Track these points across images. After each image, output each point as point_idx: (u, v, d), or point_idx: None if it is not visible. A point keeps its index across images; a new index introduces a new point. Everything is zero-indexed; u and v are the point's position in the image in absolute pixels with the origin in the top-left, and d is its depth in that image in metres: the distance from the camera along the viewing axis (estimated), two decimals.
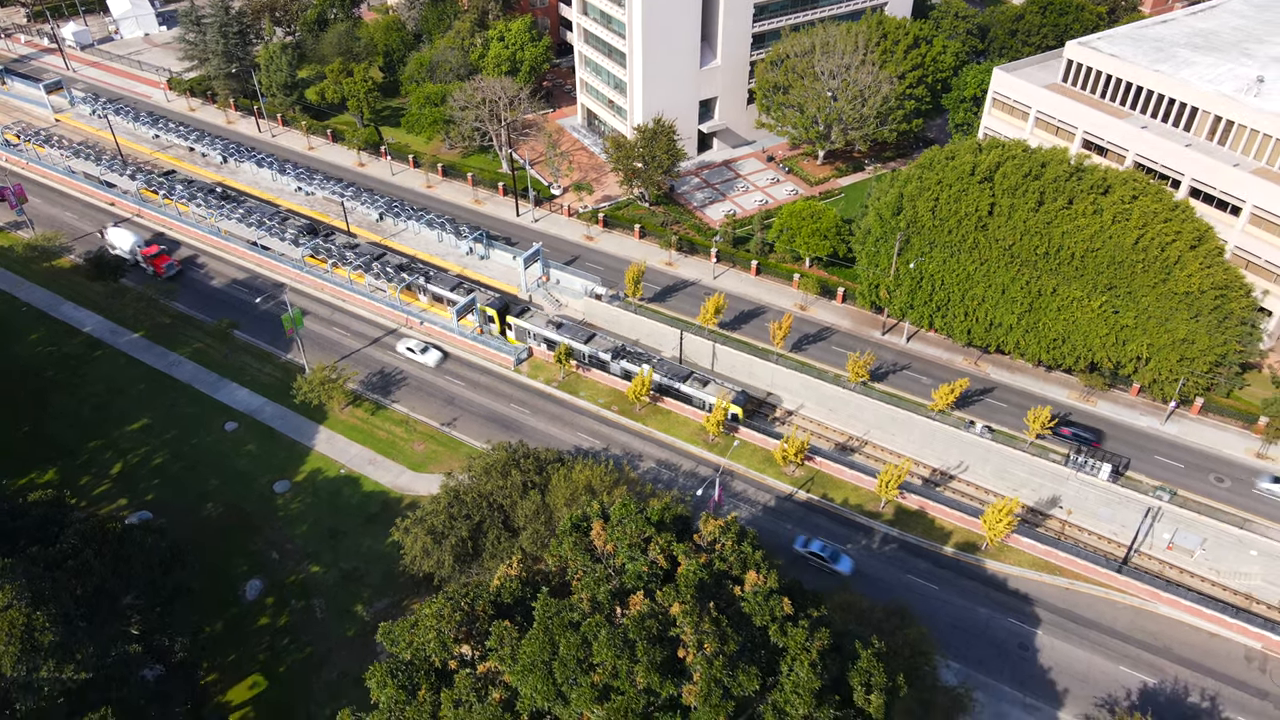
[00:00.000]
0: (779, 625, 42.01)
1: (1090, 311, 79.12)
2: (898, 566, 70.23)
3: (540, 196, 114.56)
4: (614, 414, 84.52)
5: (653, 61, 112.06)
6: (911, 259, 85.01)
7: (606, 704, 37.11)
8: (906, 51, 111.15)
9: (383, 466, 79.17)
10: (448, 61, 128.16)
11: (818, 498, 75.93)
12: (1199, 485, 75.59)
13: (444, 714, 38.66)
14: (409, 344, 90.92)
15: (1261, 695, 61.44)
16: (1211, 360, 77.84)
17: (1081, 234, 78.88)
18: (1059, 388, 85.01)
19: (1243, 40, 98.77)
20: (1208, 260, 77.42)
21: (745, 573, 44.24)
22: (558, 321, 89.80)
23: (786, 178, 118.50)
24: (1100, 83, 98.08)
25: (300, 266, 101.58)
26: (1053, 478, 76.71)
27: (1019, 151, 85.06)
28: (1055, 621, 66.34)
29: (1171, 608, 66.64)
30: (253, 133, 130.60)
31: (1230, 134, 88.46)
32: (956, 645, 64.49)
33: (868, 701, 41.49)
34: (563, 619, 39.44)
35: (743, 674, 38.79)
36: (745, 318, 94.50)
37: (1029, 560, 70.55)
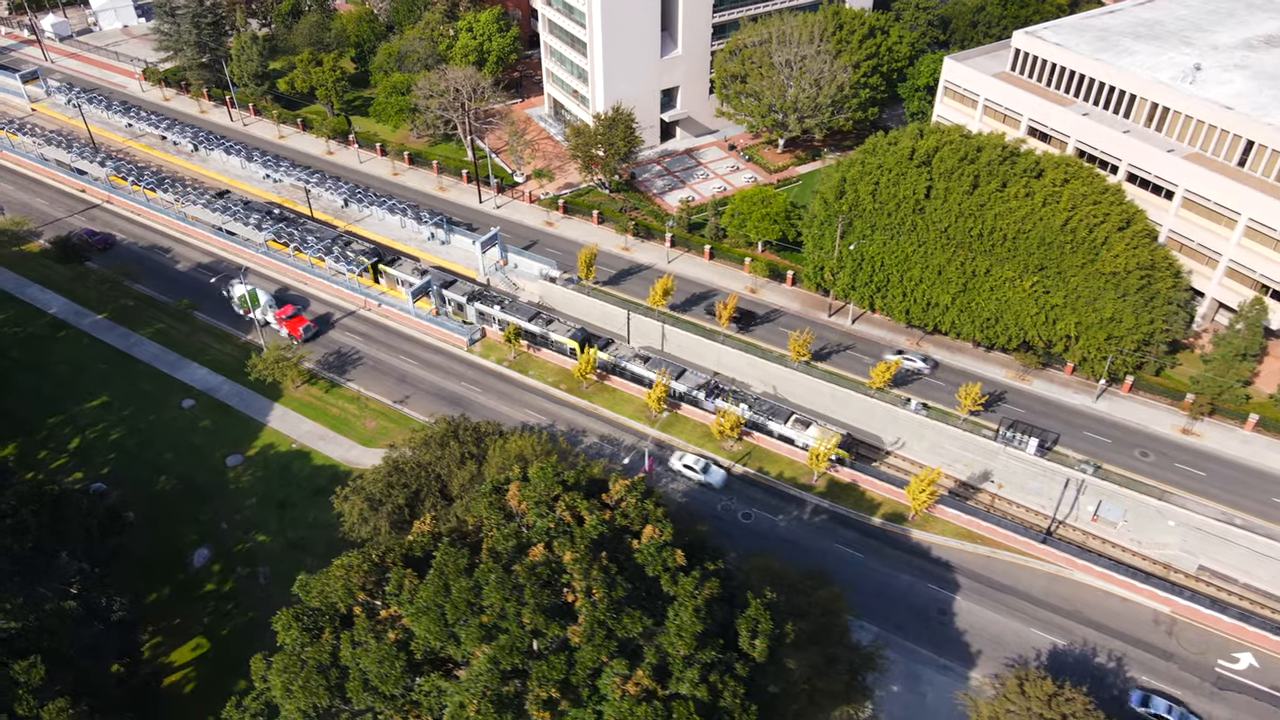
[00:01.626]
0: (670, 575, 44.27)
1: (1022, 291, 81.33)
2: (827, 536, 72.53)
3: (504, 183, 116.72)
4: (561, 392, 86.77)
5: (613, 51, 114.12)
6: (853, 241, 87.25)
7: (493, 643, 39.39)
8: (861, 41, 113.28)
9: (333, 442, 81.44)
10: (416, 52, 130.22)
11: (754, 471, 78.21)
12: (1124, 460, 77.79)
13: (343, 654, 40.94)
14: (686, 460, 78.00)
15: (1167, 656, 63.75)
16: (1138, 339, 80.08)
17: (1013, 216, 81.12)
18: (997, 367, 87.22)
19: (1185, 29, 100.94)
20: (1134, 242, 79.65)
21: (644, 527, 46.47)
22: (645, 356, 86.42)
23: (747, 166, 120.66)
24: (1046, 71, 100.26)
25: (264, 251, 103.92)
26: (984, 452, 79.01)
27: (956, 137, 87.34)
28: (974, 588, 68.65)
29: (1085, 574, 68.96)
30: (225, 122, 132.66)
31: (1167, 120, 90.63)
32: (877, 609, 66.78)
33: (753, 646, 43.73)
34: (457, 565, 41.69)
35: (627, 617, 41.03)
36: (697, 300, 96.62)
37: (953, 530, 72.84)
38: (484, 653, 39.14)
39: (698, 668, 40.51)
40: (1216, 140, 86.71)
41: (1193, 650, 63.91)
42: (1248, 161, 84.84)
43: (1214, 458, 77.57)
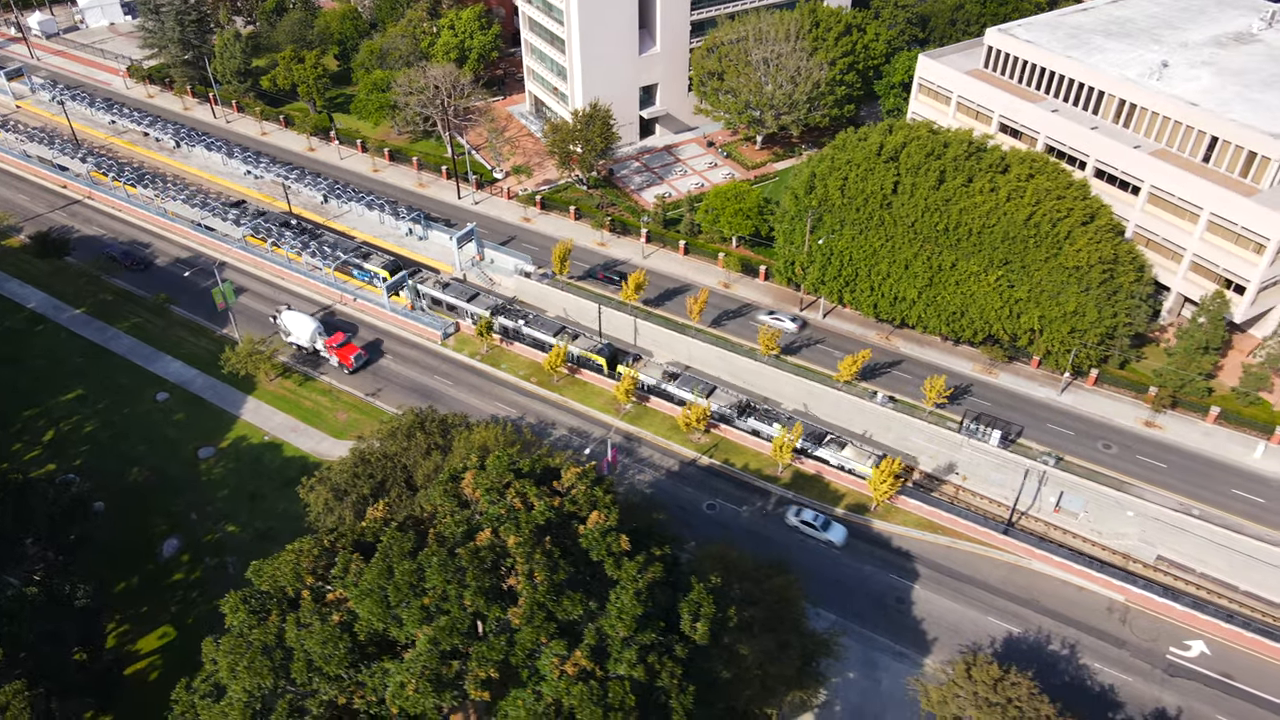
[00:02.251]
0: (614, 559, 45.06)
1: (986, 285, 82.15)
2: (790, 527, 73.26)
3: (483, 180, 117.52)
4: (532, 385, 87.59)
5: (591, 47, 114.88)
6: (822, 236, 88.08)
7: (433, 624, 40.22)
8: (837, 39, 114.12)
9: (305, 434, 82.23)
10: (397, 49, 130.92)
11: (720, 463, 79.06)
12: (1087, 452, 78.67)
13: (288, 635, 41.74)
14: (804, 516, 72.85)
15: (1119, 644, 64.58)
16: (1101, 332, 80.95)
17: (978, 211, 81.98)
18: (964, 360, 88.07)
19: (1155, 27, 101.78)
20: (1097, 236, 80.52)
21: (591, 513, 47.28)
22: (674, 373, 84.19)
23: (725, 162, 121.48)
24: (1017, 68, 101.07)
25: (242, 246, 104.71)
26: (948, 444, 79.89)
27: (924, 132, 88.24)
28: (933, 577, 69.49)
29: (1043, 563, 69.80)
30: (208, 119, 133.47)
31: (1134, 117, 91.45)
32: (836, 598, 67.62)
33: (694, 629, 44.56)
34: (401, 549, 42.49)
35: (567, 599, 41.85)
36: (671, 295, 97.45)
37: (915, 521, 73.68)
38: (424, 633, 39.99)
39: (635, 649, 41.33)
40: (1182, 136, 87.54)
41: (1145, 638, 64.77)
42: (1212, 157, 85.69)
43: (1175, 449, 78.48)
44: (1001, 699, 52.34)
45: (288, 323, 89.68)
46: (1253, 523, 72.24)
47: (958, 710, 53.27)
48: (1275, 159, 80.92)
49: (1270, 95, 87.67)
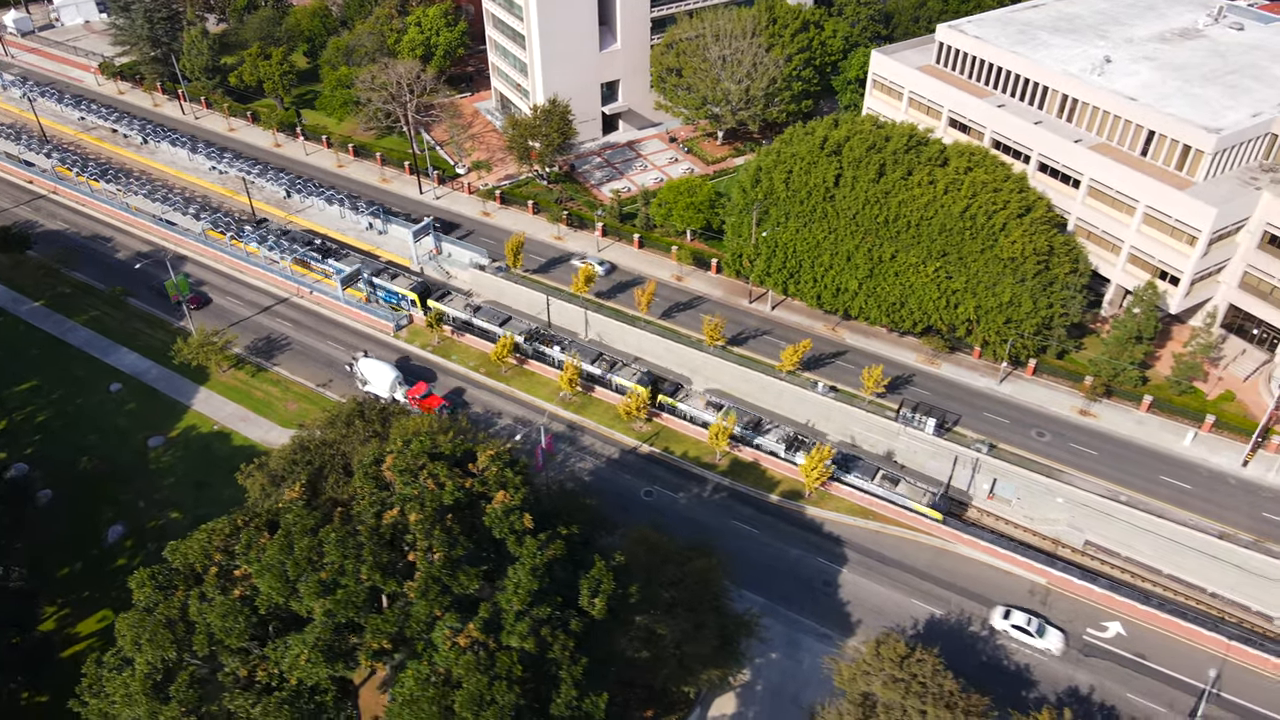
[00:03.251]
0: (516, 537, 46.43)
1: (925, 276, 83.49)
2: (724, 512, 74.71)
3: (445, 175, 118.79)
4: (481, 375, 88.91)
5: (550, 44, 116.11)
6: (767, 229, 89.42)
7: (330, 597, 41.54)
8: (794, 35, 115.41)
9: (254, 423, 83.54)
10: (363, 46, 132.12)
11: (660, 451, 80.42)
12: (1021, 439, 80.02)
13: (191, 609, 43.07)
14: (1015, 620, 65.45)
15: None
16: (1036, 322, 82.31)
17: (916, 203, 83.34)
18: (908, 351, 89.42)
19: (1102, 23, 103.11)
20: (1032, 228, 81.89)
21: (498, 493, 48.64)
22: (717, 403, 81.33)
23: (686, 157, 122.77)
24: (967, 64, 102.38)
25: (203, 240, 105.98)
26: (886, 433, 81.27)
27: (867, 126, 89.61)
28: (861, 561, 70.88)
29: (969, 548, 71.20)
30: (177, 115, 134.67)
31: (1076, 111, 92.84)
32: (765, 582, 68.96)
33: (592, 605, 45.91)
34: (303, 526, 43.82)
35: (463, 574, 43.21)
36: (624, 287, 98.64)
37: (847, 506, 75.05)
38: (321, 606, 41.33)
39: (528, 621, 42.66)
40: (1121, 130, 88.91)
41: (1063, 619, 66.18)
42: (1150, 151, 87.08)
43: (1107, 437, 79.87)
44: (906, 675, 53.67)
45: (365, 371, 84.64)
46: (1178, 508, 73.56)
47: (865, 686, 54.62)
48: (1209, 152, 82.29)
49: (1209, 90, 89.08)
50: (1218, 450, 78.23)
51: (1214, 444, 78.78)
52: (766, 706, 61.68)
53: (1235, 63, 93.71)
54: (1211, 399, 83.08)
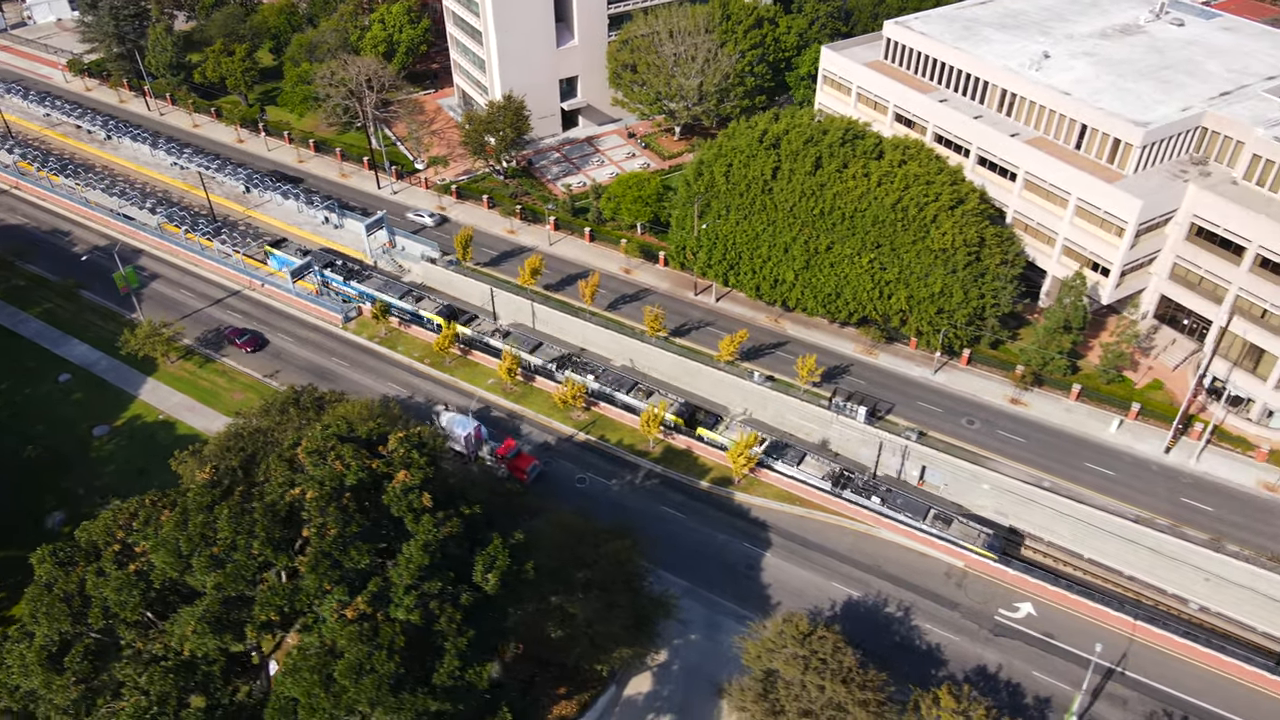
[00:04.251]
0: (414, 515, 47.76)
1: (859, 268, 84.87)
2: (655, 499, 76.07)
3: (403, 170, 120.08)
4: (425, 366, 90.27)
5: (507, 40, 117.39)
6: (707, 221, 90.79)
7: (220, 571, 42.86)
8: (746, 32, 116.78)
9: (199, 413, 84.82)
10: (326, 42, 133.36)
11: (595, 439, 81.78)
12: (952, 427, 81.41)
13: (88, 584, 44.39)
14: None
15: (952, 606, 67.38)
16: (968, 312, 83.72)
17: (850, 195, 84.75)
18: (847, 342, 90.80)
19: (1046, 20, 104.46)
20: (963, 220, 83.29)
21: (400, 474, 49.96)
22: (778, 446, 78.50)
23: (643, 153, 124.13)
24: (912, 59, 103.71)
25: (158, 234, 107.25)
26: (820, 421, 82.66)
27: (805, 120, 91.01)
28: (785, 545, 72.26)
29: (890, 531, 72.58)
30: (143, 111, 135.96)
31: (1015, 106, 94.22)
32: (690, 566, 70.33)
33: (486, 580, 47.26)
34: (199, 503, 45.16)
35: (354, 550, 44.53)
36: (573, 280, 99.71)
37: (775, 493, 76.42)
38: (211, 579, 42.64)
39: (416, 595, 44.00)
40: (1056, 124, 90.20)
41: (977, 600, 67.59)
42: (1083, 144, 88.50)
43: (1036, 425, 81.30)
44: (807, 652, 55.09)
45: (449, 425, 79.54)
46: (1100, 494, 75.06)
47: (769, 663, 56.03)
48: (1137, 145, 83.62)
49: (1143, 85, 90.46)
50: (1142, 438, 79.70)
51: (1139, 431, 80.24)
52: (682, 685, 63.05)
53: (1171, 58, 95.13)
54: (1140, 388, 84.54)
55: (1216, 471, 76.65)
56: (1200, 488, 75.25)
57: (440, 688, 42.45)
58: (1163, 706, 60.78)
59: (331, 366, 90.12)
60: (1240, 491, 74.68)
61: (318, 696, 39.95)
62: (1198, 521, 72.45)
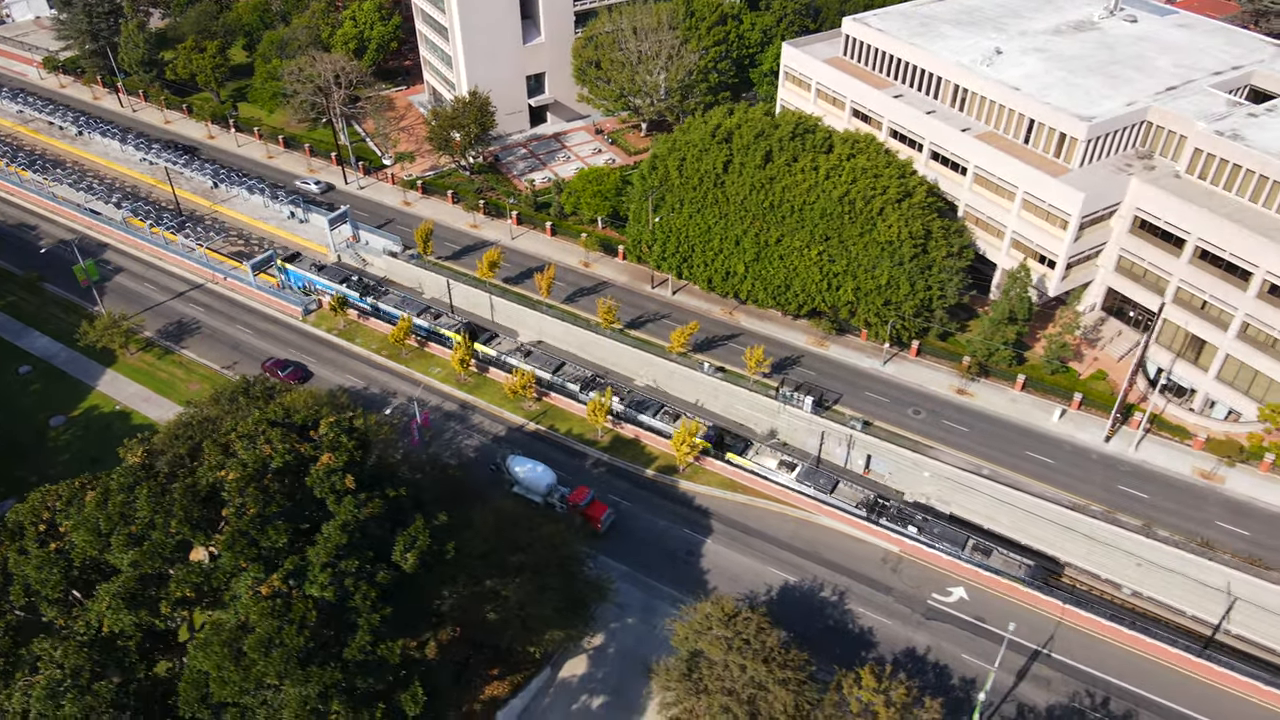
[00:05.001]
0: (335, 496, 48.84)
1: (808, 260, 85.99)
2: (601, 486, 76.99)
3: (371, 166, 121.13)
4: (382, 358, 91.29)
5: (473, 36, 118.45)
6: (661, 214, 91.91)
7: (137, 548, 43.93)
8: (710, 29, 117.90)
9: (155, 403, 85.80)
10: (297, 39, 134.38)
11: (545, 429, 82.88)
12: (898, 417, 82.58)
13: (10, 563, 45.48)
14: None
15: (886, 590, 68.44)
16: (915, 304, 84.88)
17: (799, 188, 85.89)
18: (799, 333, 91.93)
19: (1002, 16, 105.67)
20: (910, 212, 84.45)
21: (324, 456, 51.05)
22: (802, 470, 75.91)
23: (610, 149, 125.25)
24: (870, 55, 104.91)
25: (124, 228, 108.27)
26: (768, 411, 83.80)
27: (757, 115, 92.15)
28: (726, 532, 73.31)
29: (829, 518, 73.69)
30: (115, 108, 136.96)
31: (967, 101, 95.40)
32: (631, 551, 71.35)
33: (405, 559, 48.37)
34: (121, 484, 46.25)
35: (272, 529, 45.62)
36: (533, 273, 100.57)
37: (719, 480, 77.49)
38: (129, 557, 43.71)
39: (330, 572, 45.05)
40: (1006, 119, 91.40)
41: (911, 585, 68.67)
42: (1031, 139, 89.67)
43: (980, 415, 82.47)
44: (731, 633, 56.15)
45: (515, 471, 74.80)
46: (1039, 482, 76.26)
47: (695, 644, 57.08)
48: (1082, 139, 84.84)
49: (1091, 80, 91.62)
50: (1084, 427, 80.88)
51: (1081, 421, 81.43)
52: (616, 668, 64.10)
53: (1121, 54, 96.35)
54: (1084, 378, 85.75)
55: (1154, 460, 77.88)
56: (1138, 475, 76.46)
57: (352, 662, 43.52)
58: (1085, 687, 61.92)
59: (290, 358, 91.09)
60: (1176, 479, 75.89)
61: (227, 669, 41.01)
62: (1133, 508, 73.66)
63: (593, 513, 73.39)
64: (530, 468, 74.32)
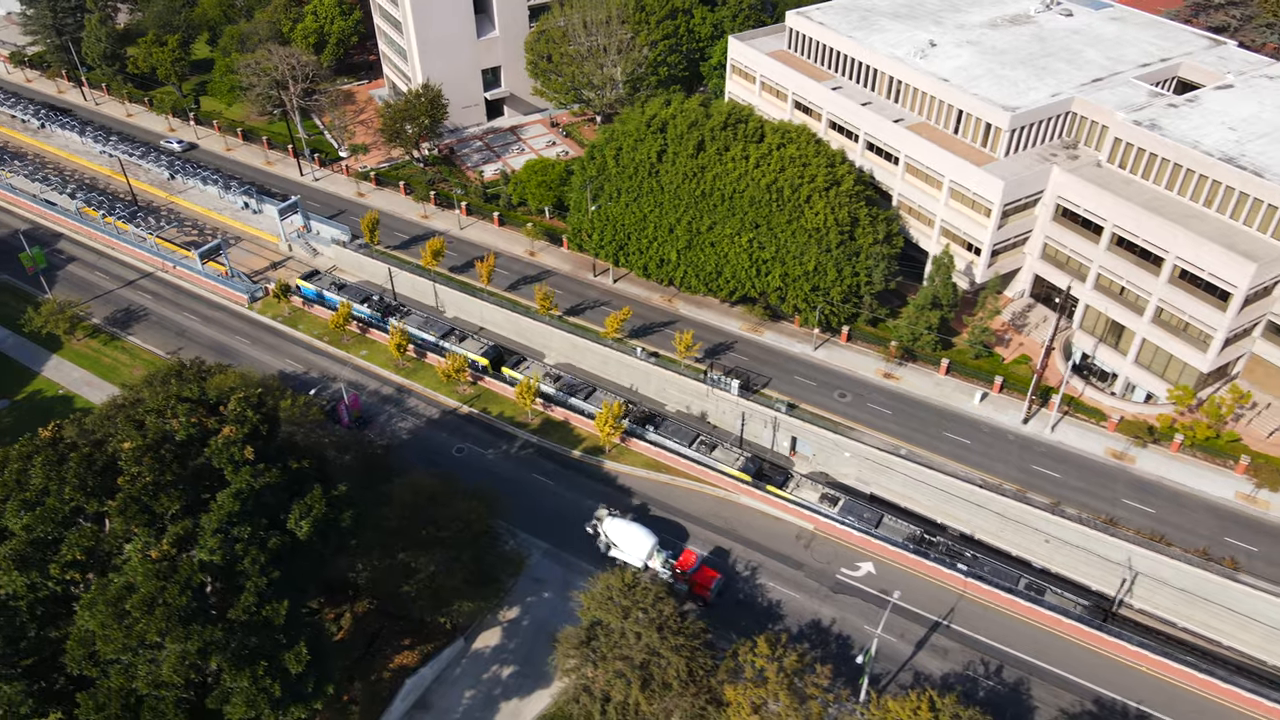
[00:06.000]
0: (234, 466, 50.60)
1: (739, 247, 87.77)
2: (528, 467, 78.94)
3: (327, 158, 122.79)
4: (324, 344, 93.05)
5: (425, 30, 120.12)
6: (599, 203, 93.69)
7: (31, 513, 45.69)
8: (659, 22, 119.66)
9: (98, 387, 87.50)
10: (257, 33, 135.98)
11: (478, 411, 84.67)
12: (824, 400, 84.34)
13: None
14: None
15: (797, 565, 70.33)
16: (843, 290, 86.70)
17: (729, 177, 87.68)
18: (735, 320, 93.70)
19: (941, 10, 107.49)
20: (837, 200, 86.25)
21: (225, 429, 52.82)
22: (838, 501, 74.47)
23: (564, 141, 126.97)
24: (812, 48, 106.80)
25: (78, 218, 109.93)
26: (697, 395, 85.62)
27: (693, 105, 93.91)
28: (647, 510, 75.11)
29: (748, 497, 75.54)
30: (79, 101, 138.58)
31: (901, 93, 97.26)
32: (553, 529, 73.15)
33: (299, 527, 50.12)
34: (21, 453, 48.02)
35: (164, 496, 47.42)
36: (477, 262, 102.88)
37: (643, 461, 79.33)
38: (21, 521, 45.45)
39: (220, 537, 46.78)
40: (936, 110, 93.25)
41: (821, 560, 70.55)
42: (960, 129, 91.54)
43: (904, 398, 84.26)
44: (629, 602, 58.00)
45: (612, 534, 68.83)
46: (956, 462, 78.10)
47: (596, 613, 58.92)
48: (1006, 129, 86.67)
49: (1019, 72, 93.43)
50: (1004, 409, 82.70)
51: (1002, 404, 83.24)
52: (529, 639, 65.88)
53: (1053, 47, 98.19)
54: (1008, 362, 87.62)
55: (1069, 441, 79.73)
56: (1052, 456, 78.30)
57: (237, 622, 45.26)
58: (981, 656, 63.84)
59: (233, 344, 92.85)
60: (1089, 459, 77.74)
61: (111, 627, 42.73)
62: (1044, 487, 75.47)
63: (701, 579, 67.13)
64: (626, 529, 67.52)
